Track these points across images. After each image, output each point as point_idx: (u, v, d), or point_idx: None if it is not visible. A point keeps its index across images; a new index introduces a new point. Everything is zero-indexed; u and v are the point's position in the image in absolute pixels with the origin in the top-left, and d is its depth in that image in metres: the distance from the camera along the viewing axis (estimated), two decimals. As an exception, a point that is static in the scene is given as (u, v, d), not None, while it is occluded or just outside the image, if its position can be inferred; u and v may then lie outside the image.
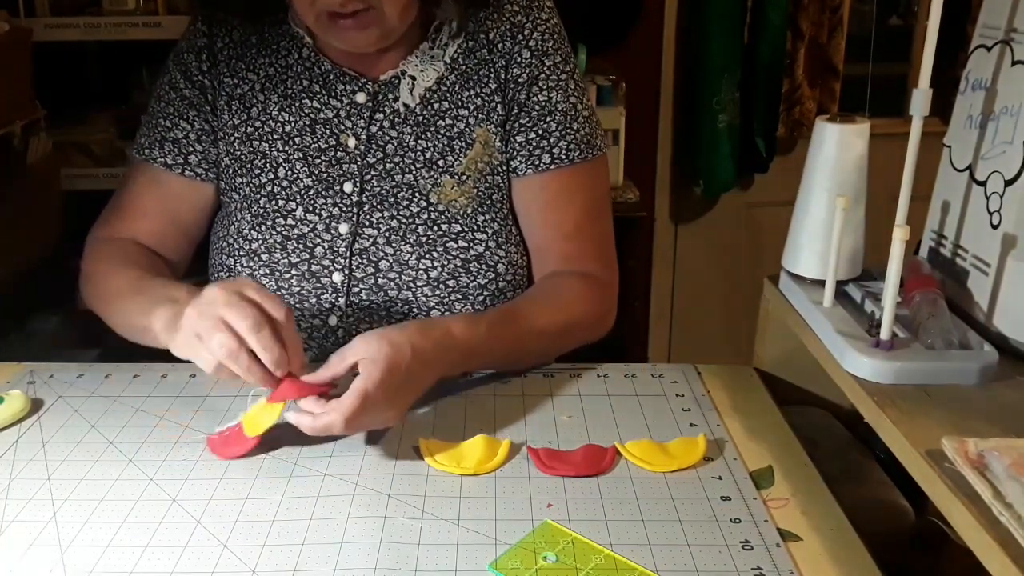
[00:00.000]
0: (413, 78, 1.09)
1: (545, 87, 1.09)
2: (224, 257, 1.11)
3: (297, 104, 1.10)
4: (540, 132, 1.10)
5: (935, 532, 0.90)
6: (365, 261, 1.07)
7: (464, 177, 1.08)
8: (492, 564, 0.75)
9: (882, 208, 0.97)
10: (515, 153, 1.10)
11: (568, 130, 1.10)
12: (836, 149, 0.93)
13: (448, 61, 1.09)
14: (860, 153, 0.93)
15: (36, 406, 1.00)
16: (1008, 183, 0.86)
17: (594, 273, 1.12)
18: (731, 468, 0.89)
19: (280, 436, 0.91)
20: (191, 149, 1.12)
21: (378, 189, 1.08)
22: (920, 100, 0.80)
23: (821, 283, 0.95)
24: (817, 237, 0.96)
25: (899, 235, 0.81)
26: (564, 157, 1.10)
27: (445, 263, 1.07)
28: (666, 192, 2.82)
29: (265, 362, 0.86)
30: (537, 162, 1.10)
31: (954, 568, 0.88)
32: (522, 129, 1.10)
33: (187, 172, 1.12)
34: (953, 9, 1.74)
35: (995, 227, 0.88)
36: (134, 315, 1.00)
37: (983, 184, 0.90)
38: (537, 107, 1.09)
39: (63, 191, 2.15)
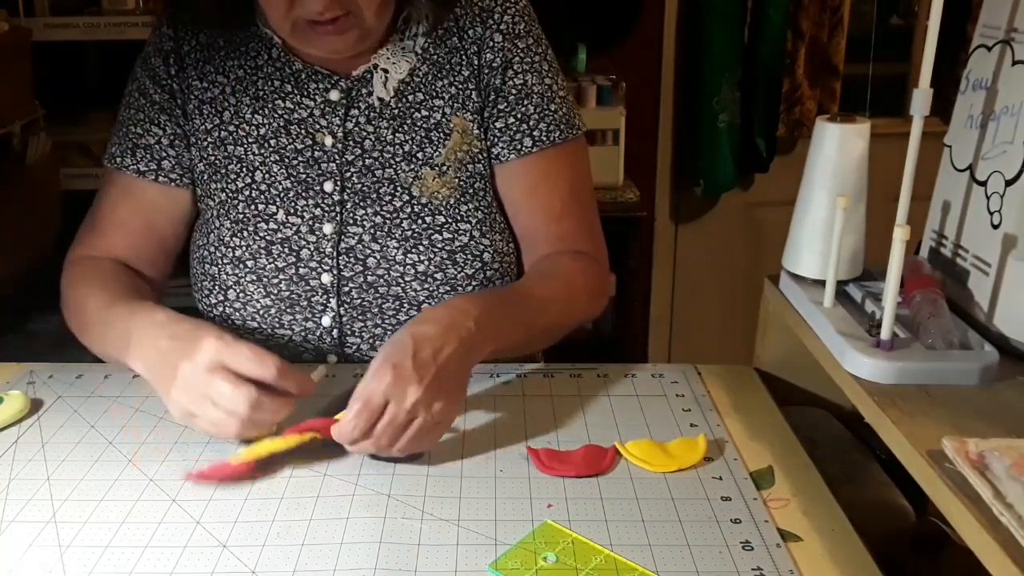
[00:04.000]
0: (386, 71, 1.08)
1: (520, 70, 1.09)
2: (207, 266, 1.10)
3: (270, 105, 1.08)
4: (519, 116, 1.09)
5: (935, 532, 0.90)
6: (353, 259, 1.07)
7: (445, 168, 1.08)
8: (492, 565, 0.75)
9: (882, 208, 0.97)
10: (496, 140, 1.10)
11: (546, 111, 1.10)
12: (837, 149, 0.93)
13: (419, 52, 1.09)
14: (860, 153, 0.93)
15: (36, 406, 1.00)
16: (1009, 183, 0.86)
17: (585, 251, 1.12)
18: (731, 468, 0.89)
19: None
20: (164, 155, 1.10)
21: (359, 186, 1.07)
22: (921, 100, 0.80)
23: (821, 283, 0.95)
24: (817, 237, 0.96)
25: (899, 235, 0.81)
26: (545, 139, 1.10)
27: (431, 256, 1.07)
28: (666, 192, 2.82)
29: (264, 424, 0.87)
30: (519, 146, 1.10)
31: (954, 568, 0.88)
32: (501, 115, 1.09)
33: (161, 178, 1.10)
34: (953, 9, 1.74)
35: (995, 227, 0.88)
36: (109, 347, 0.99)
37: (984, 184, 0.90)
38: (514, 91, 1.09)
39: (62, 191, 2.15)
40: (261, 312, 1.07)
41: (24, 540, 0.78)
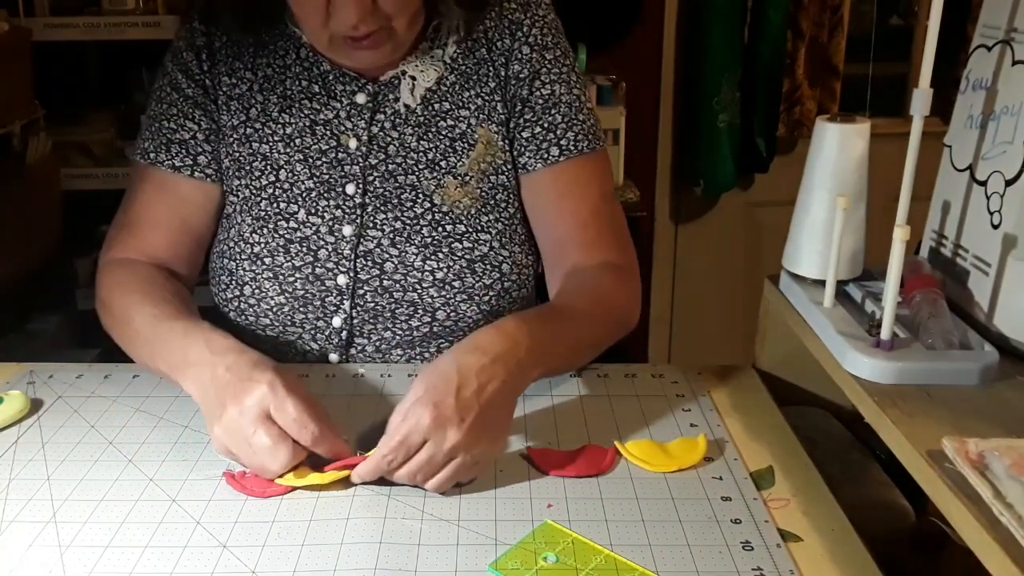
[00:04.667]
0: (413, 78, 1.09)
1: (548, 81, 1.09)
2: (225, 261, 1.10)
3: (296, 105, 1.09)
4: (546, 125, 1.09)
5: (935, 532, 0.90)
6: (370, 263, 1.07)
7: (467, 178, 1.08)
8: (492, 565, 0.75)
9: (882, 208, 0.97)
10: (523, 149, 1.10)
11: (575, 121, 1.10)
12: (837, 149, 0.93)
13: (448, 61, 1.09)
14: (860, 153, 0.93)
15: (36, 406, 1.00)
16: (1008, 183, 0.86)
17: (616, 261, 1.10)
18: (731, 468, 0.89)
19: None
20: (200, 150, 1.10)
21: (381, 190, 1.08)
22: (920, 100, 0.80)
23: (821, 283, 0.95)
24: (817, 237, 0.96)
25: (899, 235, 0.81)
26: (573, 148, 1.10)
27: (451, 264, 1.07)
28: (666, 192, 2.82)
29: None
30: (546, 155, 1.09)
31: (954, 568, 0.88)
32: (527, 125, 1.09)
33: (197, 174, 1.10)
34: (953, 9, 1.74)
35: (995, 227, 0.88)
36: (158, 363, 0.97)
37: (983, 184, 0.90)
38: (541, 101, 1.09)
39: (63, 191, 2.15)
40: (274, 309, 1.08)
41: (24, 540, 0.78)
